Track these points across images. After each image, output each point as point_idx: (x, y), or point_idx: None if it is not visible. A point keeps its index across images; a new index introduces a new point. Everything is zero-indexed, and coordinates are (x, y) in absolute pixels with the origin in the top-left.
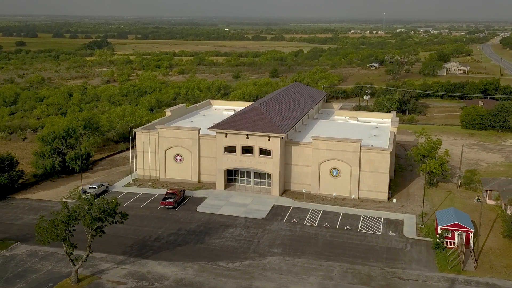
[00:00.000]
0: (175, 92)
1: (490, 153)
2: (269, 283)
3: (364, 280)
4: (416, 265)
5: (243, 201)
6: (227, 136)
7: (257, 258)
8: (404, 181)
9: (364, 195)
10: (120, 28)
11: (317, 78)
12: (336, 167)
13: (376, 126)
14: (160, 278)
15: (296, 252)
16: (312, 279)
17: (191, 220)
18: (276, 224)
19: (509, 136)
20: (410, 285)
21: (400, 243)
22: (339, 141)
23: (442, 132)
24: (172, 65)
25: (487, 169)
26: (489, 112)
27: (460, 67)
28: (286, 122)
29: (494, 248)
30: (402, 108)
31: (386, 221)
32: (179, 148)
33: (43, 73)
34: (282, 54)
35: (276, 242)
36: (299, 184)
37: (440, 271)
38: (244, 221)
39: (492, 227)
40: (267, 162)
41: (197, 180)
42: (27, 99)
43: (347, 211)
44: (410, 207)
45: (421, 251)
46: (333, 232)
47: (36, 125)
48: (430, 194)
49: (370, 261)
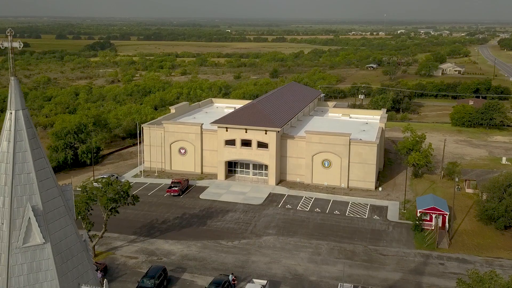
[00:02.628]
0: (178, 92)
1: (475, 148)
2: (264, 257)
3: (348, 256)
4: (396, 243)
5: (242, 190)
6: (228, 130)
7: (254, 238)
8: (392, 173)
9: (353, 184)
10: (122, 29)
11: (315, 79)
12: (328, 159)
13: (366, 122)
14: (167, 253)
15: (289, 232)
16: (302, 254)
17: (194, 206)
18: (272, 209)
19: (495, 133)
20: (389, 259)
21: (383, 225)
22: (330, 135)
23: (432, 129)
24: (174, 66)
25: (470, 162)
26: (477, 111)
27: (455, 68)
28: (282, 117)
29: (467, 230)
30: (396, 107)
31: (372, 207)
32: (183, 142)
33: (49, 73)
34: (283, 55)
35: (271, 224)
36: (294, 175)
37: (417, 248)
38: (243, 207)
39: (468, 212)
40: (264, 154)
41: (200, 172)
42: (36, 98)
43: (337, 198)
44: (395, 195)
45: (401, 232)
46: (323, 216)
47: (46, 123)
48: (415, 184)
49: (355, 240)
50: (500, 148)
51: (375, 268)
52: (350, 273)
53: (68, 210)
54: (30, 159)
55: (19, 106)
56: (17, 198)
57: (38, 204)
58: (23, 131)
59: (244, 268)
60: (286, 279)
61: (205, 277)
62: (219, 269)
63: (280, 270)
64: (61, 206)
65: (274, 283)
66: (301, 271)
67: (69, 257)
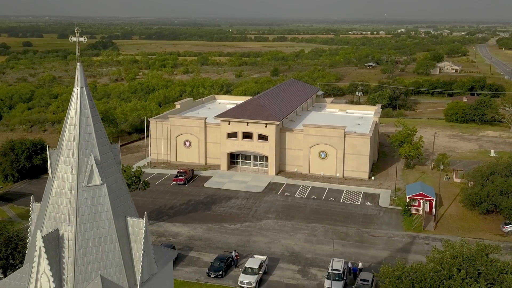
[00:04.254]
0: (181, 90)
1: (466, 142)
2: (264, 238)
3: (342, 237)
4: (386, 226)
5: (244, 179)
6: (230, 124)
7: (254, 221)
8: (385, 165)
9: (348, 174)
10: (124, 28)
11: (315, 77)
12: (324, 150)
13: (361, 117)
14: (175, 234)
15: (287, 217)
16: (299, 235)
17: (199, 193)
18: (271, 196)
19: (487, 128)
20: (379, 240)
21: (375, 210)
22: (327, 128)
23: (427, 125)
24: (176, 64)
25: (461, 155)
26: (469, 107)
27: (452, 66)
28: (281, 112)
29: (452, 214)
30: (392, 104)
31: (365, 195)
32: (188, 135)
33: (53, 72)
34: (283, 54)
35: (271, 210)
36: (292, 165)
37: (405, 230)
38: (244, 194)
39: (454, 199)
40: (265, 146)
41: (203, 163)
42: (42, 96)
43: (332, 187)
44: (387, 184)
45: (391, 216)
46: (319, 203)
47: (54, 119)
48: (407, 175)
49: (348, 224)
50: (490, 142)
51: (366, 247)
52: (342, 251)
53: (116, 162)
54: (91, 123)
55: (83, 84)
56: (82, 151)
57: (97, 155)
58: (86, 102)
59: (246, 247)
60: (284, 256)
61: (210, 255)
62: (223, 248)
63: (278, 249)
64: (112, 159)
65: (273, 260)
66: (298, 250)
67: (118, 196)
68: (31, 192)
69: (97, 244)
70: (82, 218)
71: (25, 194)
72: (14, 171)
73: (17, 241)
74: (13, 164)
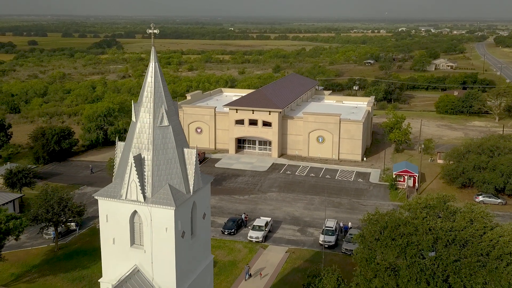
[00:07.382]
0: (188, 85)
1: (453, 131)
2: (269, 206)
3: (335, 205)
4: (375, 198)
5: (250, 161)
6: (237, 112)
7: (260, 194)
8: (378, 149)
9: (343, 156)
10: (126, 27)
11: (315, 73)
12: (321, 135)
13: (356, 106)
14: None
15: (289, 190)
16: (299, 204)
17: (211, 172)
18: (275, 174)
19: (474, 119)
20: (368, 208)
21: (366, 186)
22: (324, 115)
23: (419, 116)
24: (181, 62)
25: (447, 141)
26: (458, 99)
27: (448, 63)
28: (283, 101)
29: (433, 188)
30: (388, 97)
31: (357, 173)
32: (200, 122)
33: (62, 69)
34: (285, 52)
35: (274, 185)
36: (293, 149)
37: (391, 201)
38: (251, 173)
39: (436, 176)
40: (268, 132)
41: (213, 148)
42: (56, 91)
43: (328, 167)
44: (378, 165)
45: (380, 190)
46: (317, 179)
47: (70, 112)
48: (396, 157)
49: (342, 196)
50: (476, 131)
51: (356, 213)
52: (336, 216)
53: (176, 112)
54: (161, 86)
55: (155, 60)
56: (156, 103)
57: (165, 106)
58: (158, 72)
59: (253, 212)
60: (286, 219)
61: (223, 218)
62: (234, 213)
63: (281, 214)
64: (174, 110)
65: (276, 222)
66: (298, 215)
67: (178, 134)
68: (61, 172)
69: (166, 164)
70: (156, 146)
71: (55, 174)
72: (45, 154)
73: (67, 201)
74: (44, 147)
